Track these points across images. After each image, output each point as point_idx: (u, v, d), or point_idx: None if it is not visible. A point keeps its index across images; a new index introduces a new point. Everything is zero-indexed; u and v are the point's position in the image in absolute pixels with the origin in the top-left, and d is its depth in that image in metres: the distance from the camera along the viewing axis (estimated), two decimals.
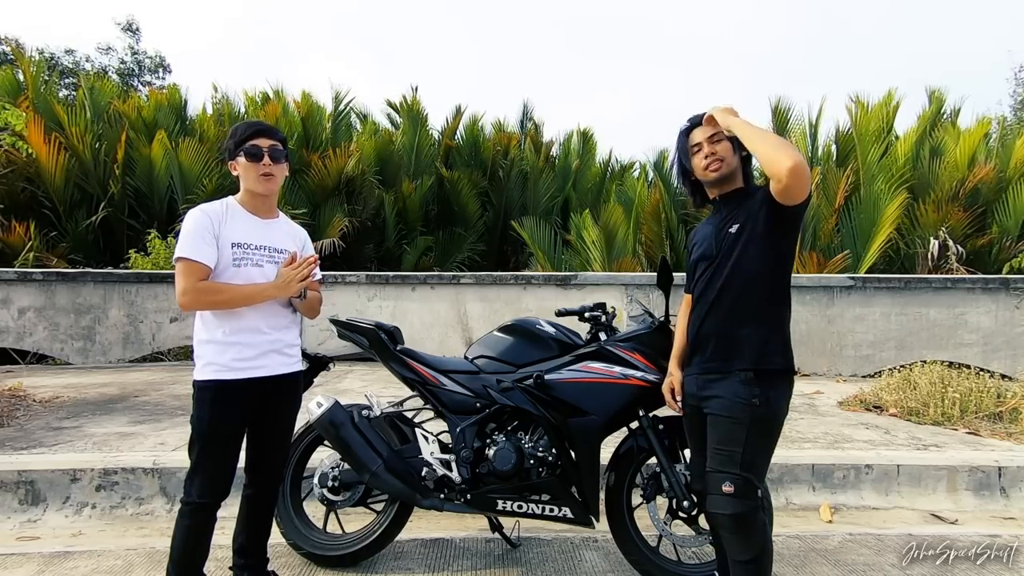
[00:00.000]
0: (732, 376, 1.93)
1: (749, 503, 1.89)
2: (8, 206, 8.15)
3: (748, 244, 1.93)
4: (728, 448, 1.91)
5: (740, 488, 1.88)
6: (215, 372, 2.05)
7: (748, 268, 1.93)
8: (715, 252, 2.00)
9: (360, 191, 9.46)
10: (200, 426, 2.06)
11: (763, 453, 1.95)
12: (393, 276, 7.18)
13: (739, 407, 1.89)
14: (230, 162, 2.19)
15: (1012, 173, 8.21)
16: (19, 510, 3.15)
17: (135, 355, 7.06)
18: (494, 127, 11.55)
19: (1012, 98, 19.14)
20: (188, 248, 2.02)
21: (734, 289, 1.95)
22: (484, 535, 2.93)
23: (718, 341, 1.98)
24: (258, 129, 2.16)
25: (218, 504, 2.11)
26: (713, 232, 2.05)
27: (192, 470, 2.07)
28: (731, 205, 2.03)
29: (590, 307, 2.65)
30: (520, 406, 2.47)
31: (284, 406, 2.25)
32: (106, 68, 19.39)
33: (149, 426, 4.07)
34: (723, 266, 1.97)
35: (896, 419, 4.61)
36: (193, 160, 8.50)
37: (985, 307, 6.62)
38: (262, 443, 2.23)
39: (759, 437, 1.90)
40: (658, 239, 8.66)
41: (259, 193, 2.17)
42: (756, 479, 1.91)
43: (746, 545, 1.93)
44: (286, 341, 2.20)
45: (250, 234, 2.13)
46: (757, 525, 1.93)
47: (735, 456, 1.89)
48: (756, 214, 1.92)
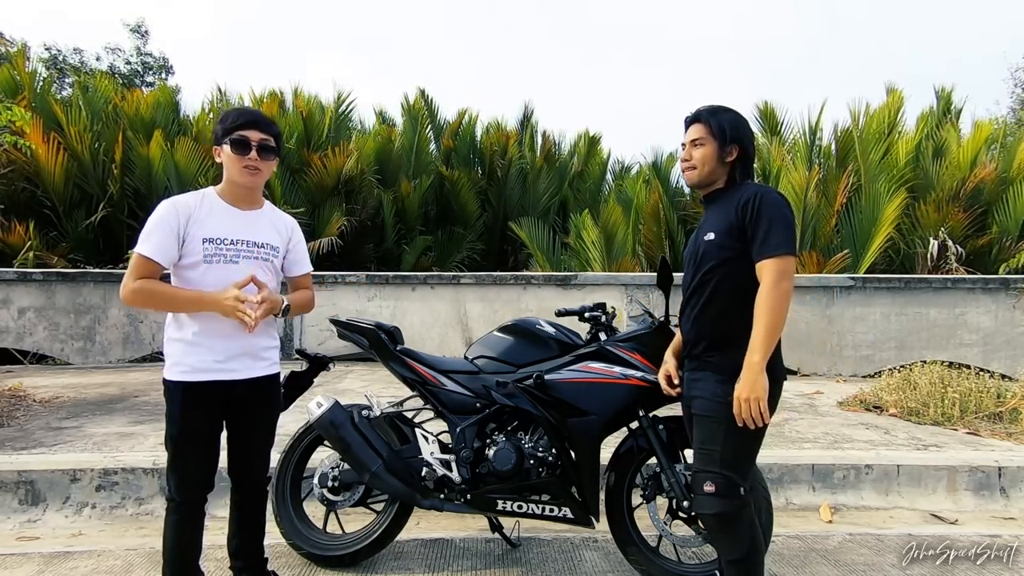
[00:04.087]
0: (711, 376, 1.95)
1: (733, 502, 1.90)
2: (8, 206, 8.14)
3: (721, 251, 1.94)
4: (708, 447, 1.94)
5: (722, 487, 1.89)
6: (181, 373, 1.99)
7: (724, 275, 1.94)
8: (694, 255, 2.04)
9: (359, 190, 9.46)
10: (171, 425, 2.02)
11: (745, 451, 1.95)
12: (393, 276, 7.18)
13: (716, 406, 1.91)
14: (215, 147, 2.06)
15: (1014, 174, 8.22)
16: (19, 510, 3.15)
17: (135, 355, 7.06)
18: (493, 126, 11.54)
19: (1011, 98, 19.13)
20: (142, 243, 1.94)
21: (710, 293, 1.97)
22: (484, 535, 2.92)
23: (698, 342, 2.01)
24: (250, 119, 2.02)
25: (203, 499, 2.08)
26: (695, 234, 2.09)
27: (168, 467, 2.04)
28: (712, 207, 2.05)
29: (590, 307, 2.64)
30: (520, 406, 2.47)
31: (261, 410, 2.17)
32: (112, 68, 19.42)
33: (149, 426, 4.06)
34: (700, 270, 2.00)
35: (896, 419, 4.61)
36: (189, 159, 8.51)
37: (985, 307, 6.63)
38: (242, 448, 2.16)
39: (739, 436, 1.90)
40: (658, 239, 8.66)
41: (242, 185, 2.06)
42: (739, 478, 1.92)
43: (733, 544, 1.94)
44: (260, 344, 2.11)
45: (226, 228, 2.02)
46: (743, 524, 1.93)
47: (715, 455, 1.92)
48: (730, 228, 1.92)
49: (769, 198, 1.90)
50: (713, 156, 1.99)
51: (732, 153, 2.00)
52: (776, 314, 1.82)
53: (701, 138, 2.00)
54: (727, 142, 1.98)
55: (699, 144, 2.01)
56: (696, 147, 2.01)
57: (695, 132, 2.02)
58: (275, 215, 2.22)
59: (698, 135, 2.01)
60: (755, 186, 1.96)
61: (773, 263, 1.84)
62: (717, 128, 1.99)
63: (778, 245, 1.85)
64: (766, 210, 1.87)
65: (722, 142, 1.98)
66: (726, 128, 1.99)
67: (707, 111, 2.03)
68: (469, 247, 10.17)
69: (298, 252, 2.26)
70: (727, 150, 1.99)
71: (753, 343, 1.83)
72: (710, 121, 2.00)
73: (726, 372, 1.91)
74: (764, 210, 1.87)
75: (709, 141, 1.99)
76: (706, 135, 1.99)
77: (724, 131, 1.98)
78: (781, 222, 1.86)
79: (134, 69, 19.96)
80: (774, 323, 1.82)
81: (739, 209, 1.91)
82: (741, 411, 1.83)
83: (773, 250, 1.85)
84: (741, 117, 2.05)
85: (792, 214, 1.94)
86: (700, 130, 2.01)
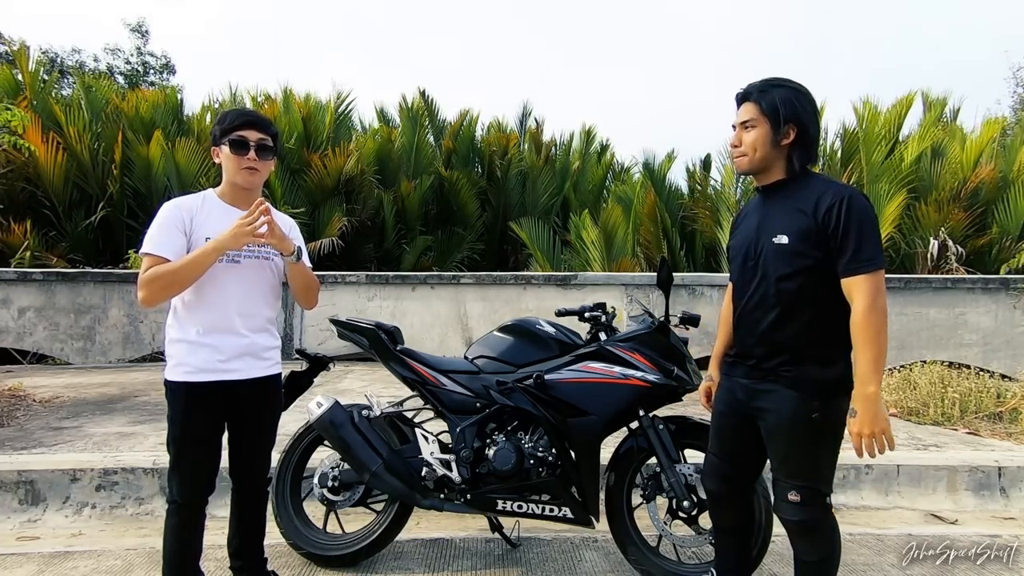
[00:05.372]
0: (787, 392, 1.78)
1: (817, 510, 1.82)
2: (7, 206, 8.14)
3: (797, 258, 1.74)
4: (793, 462, 1.81)
5: (807, 496, 1.80)
6: (184, 373, 1.98)
7: (802, 285, 1.75)
8: (754, 254, 1.83)
9: (359, 191, 9.46)
10: (173, 426, 2.01)
11: (828, 459, 1.85)
12: (393, 276, 7.18)
13: (799, 424, 1.77)
14: (214, 148, 2.06)
15: (1015, 175, 8.21)
16: (19, 510, 3.15)
17: (135, 355, 7.06)
18: (493, 126, 11.55)
19: (1012, 98, 19.13)
20: (150, 242, 1.94)
21: (787, 305, 1.77)
22: (484, 535, 2.92)
23: (771, 355, 1.81)
24: (248, 120, 2.02)
25: (204, 502, 2.07)
26: (755, 230, 1.85)
27: (171, 469, 2.03)
28: (774, 199, 1.83)
29: (590, 307, 2.64)
30: (520, 406, 2.47)
31: (263, 411, 2.16)
32: (112, 69, 19.44)
33: (149, 426, 4.06)
34: (769, 275, 1.79)
35: (896, 419, 4.61)
36: (190, 160, 8.51)
37: (985, 307, 6.63)
38: (243, 449, 2.16)
39: (823, 448, 1.81)
40: (656, 240, 8.65)
41: (240, 186, 2.05)
42: (824, 486, 1.83)
43: (812, 548, 1.86)
44: (262, 344, 2.10)
45: (227, 229, 1.99)
46: (825, 530, 1.85)
47: (802, 469, 1.80)
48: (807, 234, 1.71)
49: (857, 204, 1.69)
50: (766, 140, 1.77)
51: (789, 135, 1.76)
52: (881, 336, 1.67)
53: (752, 119, 1.78)
54: (782, 123, 1.75)
55: (750, 126, 1.78)
56: (747, 130, 1.79)
57: (745, 113, 1.80)
58: (275, 215, 2.19)
59: (748, 116, 1.78)
60: (835, 185, 1.76)
61: (867, 280, 1.66)
62: (769, 107, 1.75)
63: (871, 259, 1.66)
64: (855, 218, 1.67)
65: (776, 123, 1.75)
66: (779, 106, 1.75)
67: (758, 87, 1.80)
68: (469, 247, 10.17)
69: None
70: (782, 132, 1.76)
71: (864, 373, 1.67)
72: (760, 100, 1.77)
73: (806, 389, 1.76)
74: (853, 218, 1.67)
75: (761, 122, 1.77)
76: (757, 115, 1.77)
77: (777, 110, 1.75)
78: (872, 232, 1.68)
79: (134, 69, 19.97)
80: (881, 347, 1.67)
81: (821, 214, 1.70)
82: (863, 446, 1.70)
83: (867, 266, 1.66)
84: (800, 91, 1.79)
85: (878, 219, 1.75)
86: (751, 110, 1.78)
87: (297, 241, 2.23)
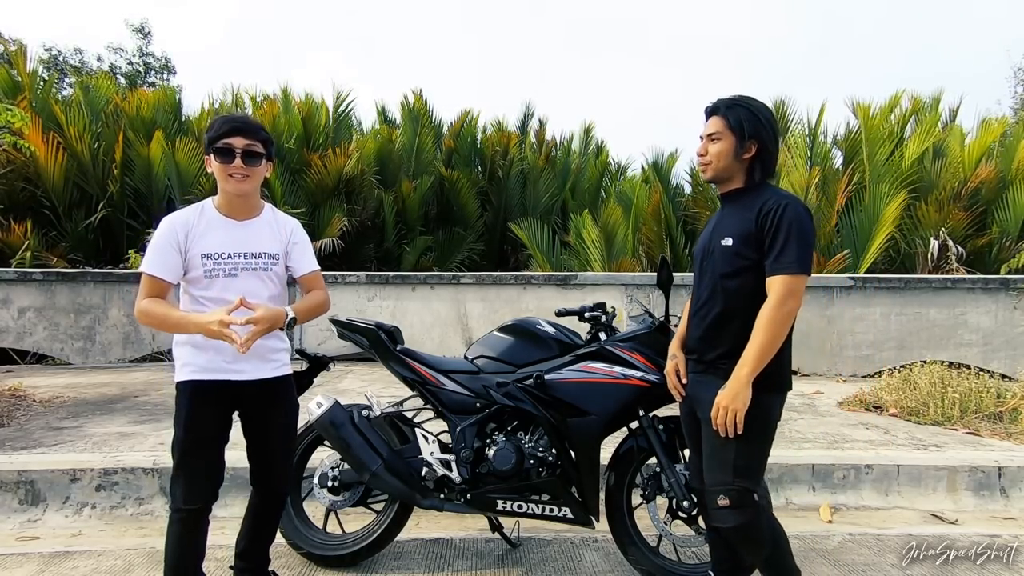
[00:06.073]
0: (721, 383, 1.88)
1: (748, 511, 1.88)
2: (8, 206, 8.14)
3: (737, 259, 1.89)
4: (719, 456, 1.89)
5: (735, 499, 1.86)
6: (192, 372, 2.00)
7: (740, 285, 1.89)
8: (707, 255, 1.98)
9: (360, 191, 9.46)
10: (179, 428, 2.01)
11: (758, 456, 1.92)
12: (393, 276, 7.18)
13: None
14: (206, 157, 2.04)
15: (1014, 174, 8.21)
16: (19, 510, 3.15)
17: (135, 355, 7.06)
18: (493, 126, 11.55)
19: (1012, 98, 19.13)
20: (147, 262, 1.98)
21: (725, 302, 1.92)
22: (484, 535, 2.92)
23: (709, 348, 1.96)
24: (234, 127, 1.98)
25: (207, 508, 2.06)
26: (709, 234, 2.01)
27: (174, 474, 2.02)
28: (730, 206, 1.99)
29: (590, 307, 2.64)
30: (520, 406, 2.47)
31: (274, 412, 2.14)
32: (114, 68, 19.47)
33: (149, 426, 4.07)
34: (714, 274, 1.94)
35: (896, 419, 4.61)
36: (190, 160, 8.49)
37: (985, 307, 6.62)
38: (261, 452, 2.16)
39: (751, 442, 1.88)
40: (658, 239, 8.65)
41: (232, 194, 2.03)
42: (752, 484, 1.89)
43: (756, 547, 1.93)
44: (268, 346, 2.08)
45: (223, 242, 2.01)
46: (762, 526, 1.91)
47: (726, 464, 1.87)
48: (747, 236, 1.86)
49: (792, 211, 1.82)
50: (729, 152, 1.90)
51: (750, 150, 1.90)
52: (774, 333, 1.79)
53: (718, 132, 1.91)
54: (745, 138, 1.89)
55: (715, 139, 1.92)
56: (712, 142, 1.93)
57: (712, 126, 1.93)
58: (275, 218, 2.18)
59: (715, 129, 1.92)
60: (780, 194, 1.89)
61: (783, 280, 1.80)
62: (735, 122, 1.89)
63: (791, 263, 1.79)
64: (786, 224, 1.80)
65: (740, 138, 1.89)
66: (744, 123, 1.89)
67: (726, 103, 1.94)
68: (469, 247, 10.18)
69: (297, 252, 2.19)
70: (745, 146, 1.90)
71: (745, 356, 1.81)
72: (727, 115, 1.91)
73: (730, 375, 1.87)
74: (784, 223, 1.81)
75: (726, 136, 1.90)
76: (723, 129, 1.91)
77: (742, 126, 1.89)
78: (800, 238, 1.80)
79: (136, 69, 20.01)
80: (770, 341, 1.79)
81: (759, 218, 1.84)
82: (718, 417, 1.82)
83: (785, 267, 1.80)
84: (762, 111, 1.93)
85: (813, 230, 1.87)
86: (717, 124, 1.92)
87: (298, 242, 2.20)
